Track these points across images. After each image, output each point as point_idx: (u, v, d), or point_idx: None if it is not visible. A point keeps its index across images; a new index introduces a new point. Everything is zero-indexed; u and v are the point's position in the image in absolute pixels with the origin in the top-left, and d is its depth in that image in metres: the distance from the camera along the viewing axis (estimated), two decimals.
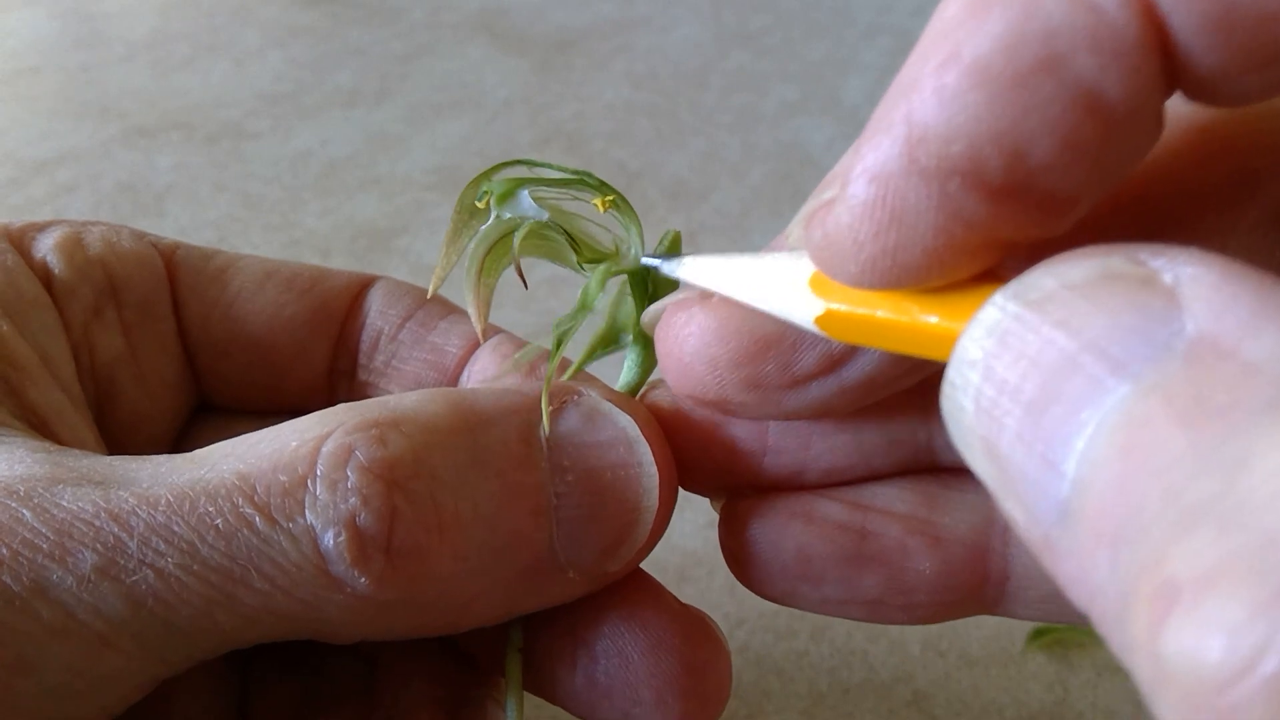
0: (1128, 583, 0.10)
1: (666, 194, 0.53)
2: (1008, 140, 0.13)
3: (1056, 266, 0.13)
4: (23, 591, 0.16)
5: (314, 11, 0.72)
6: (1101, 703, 0.31)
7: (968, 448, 0.13)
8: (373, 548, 0.17)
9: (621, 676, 0.20)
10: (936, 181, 0.14)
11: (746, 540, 0.20)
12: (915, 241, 0.14)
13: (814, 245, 0.16)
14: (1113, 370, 0.11)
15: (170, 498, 0.17)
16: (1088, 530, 0.11)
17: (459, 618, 0.19)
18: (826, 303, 0.16)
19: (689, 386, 0.19)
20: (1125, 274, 0.12)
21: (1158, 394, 0.11)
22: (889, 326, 0.16)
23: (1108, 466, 0.11)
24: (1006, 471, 0.12)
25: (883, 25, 0.70)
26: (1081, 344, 0.12)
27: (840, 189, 0.15)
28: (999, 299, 0.13)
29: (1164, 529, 0.10)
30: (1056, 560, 0.12)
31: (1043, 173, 0.14)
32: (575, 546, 0.19)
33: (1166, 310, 0.11)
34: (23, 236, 0.24)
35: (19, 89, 0.63)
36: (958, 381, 0.13)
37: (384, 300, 0.25)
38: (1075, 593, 0.12)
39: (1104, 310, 0.12)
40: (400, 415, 0.18)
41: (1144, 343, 0.11)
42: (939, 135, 0.14)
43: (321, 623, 0.18)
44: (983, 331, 0.13)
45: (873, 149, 0.14)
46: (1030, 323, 0.12)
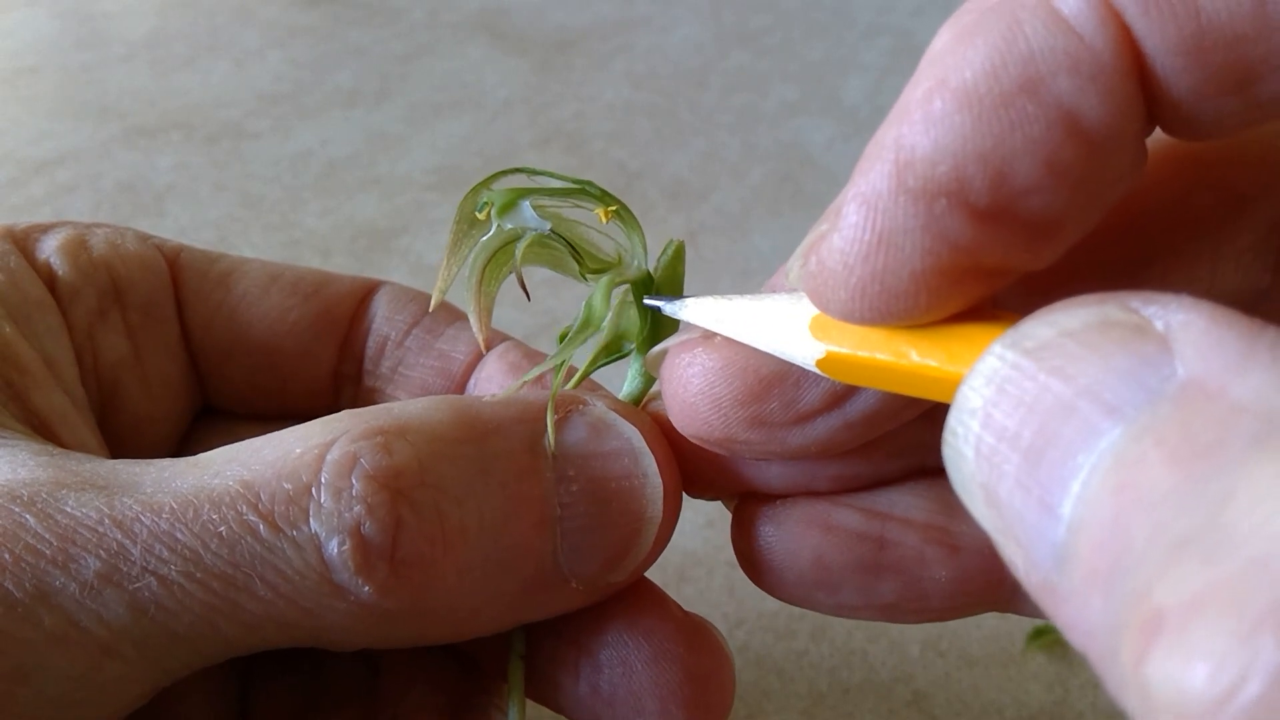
0: (1118, 617, 0.11)
1: (666, 194, 0.53)
2: (992, 160, 0.14)
3: (1053, 315, 0.13)
4: (25, 598, 0.16)
5: (314, 11, 0.72)
6: (1101, 703, 0.31)
7: (968, 495, 0.13)
8: (377, 557, 0.17)
9: (625, 685, 0.20)
10: (923, 202, 0.14)
11: (762, 547, 0.20)
12: (903, 264, 0.15)
13: (808, 275, 0.16)
14: (1107, 414, 0.12)
15: (174, 504, 0.17)
16: (1083, 571, 0.11)
17: (462, 627, 0.19)
18: (826, 345, 0.16)
19: (694, 427, 0.19)
20: (1119, 322, 0.12)
21: (1149, 435, 0.11)
22: (887, 369, 0.16)
23: (1101, 506, 0.11)
24: (1006, 518, 0.12)
25: (883, 25, 0.70)
26: (1077, 390, 0.12)
27: (834, 218, 0.15)
28: (997, 348, 0.13)
29: (1152, 562, 0.10)
30: (1056, 604, 0.12)
31: (1026, 194, 0.14)
32: (579, 557, 0.19)
33: (1159, 356, 0.12)
34: (26, 238, 0.24)
35: (19, 89, 0.63)
36: (958, 430, 0.13)
37: (390, 306, 0.25)
38: (1073, 636, 0.12)
39: (1099, 357, 0.12)
40: (406, 423, 0.18)
41: (1137, 387, 0.12)
42: (925, 157, 0.14)
43: (324, 631, 0.18)
44: (982, 380, 0.13)
45: (864, 175, 0.15)
46: (1027, 370, 0.12)
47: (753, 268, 0.48)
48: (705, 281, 0.47)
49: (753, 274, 0.48)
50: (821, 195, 0.53)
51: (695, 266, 0.48)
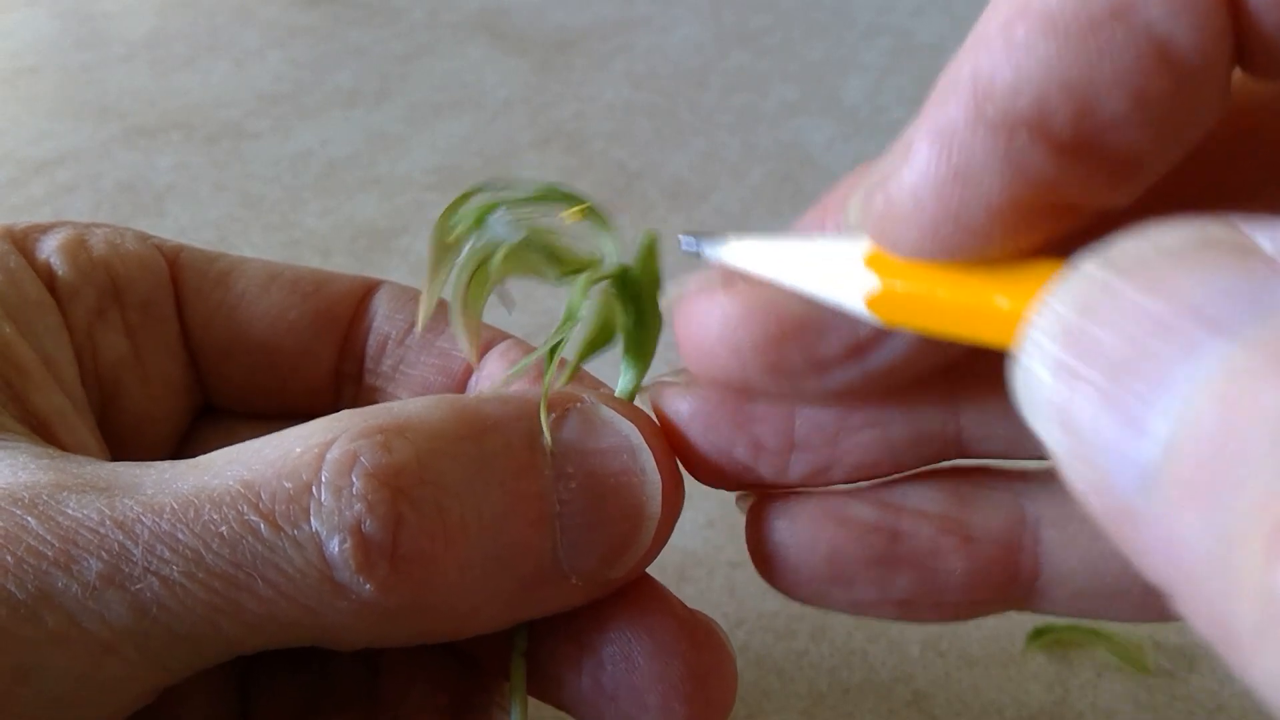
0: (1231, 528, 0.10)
1: (666, 194, 0.53)
2: (1077, 90, 0.13)
3: (1148, 234, 0.12)
4: (27, 599, 0.16)
5: (314, 11, 0.72)
6: (1101, 703, 0.31)
7: (1041, 418, 0.12)
8: (378, 554, 0.17)
9: (627, 681, 0.20)
10: (1003, 135, 0.14)
11: (775, 543, 0.20)
12: (979, 200, 0.14)
13: (873, 215, 0.15)
14: (1209, 329, 0.11)
15: (175, 505, 0.17)
16: (1180, 490, 0.11)
17: (463, 624, 0.19)
18: (882, 280, 0.16)
19: (711, 370, 0.19)
20: (1223, 241, 0.11)
21: (1260, 348, 0.10)
22: (947, 307, 0.15)
23: (1207, 419, 0.10)
24: (1083, 439, 0.12)
25: (883, 25, 0.70)
26: (1177, 308, 0.11)
27: (903, 154, 0.15)
28: (1087, 266, 0.12)
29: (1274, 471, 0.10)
30: (1137, 529, 0.11)
31: (1111, 127, 0.13)
32: (578, 554, 0.19)
33: (1269, 276, 0.11)
34: (26, 238, 0.24)
35: (19, 89, 0.63)
36: (1033, 351, 0.12)
37: (390, 305, 0.26)
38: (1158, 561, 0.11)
39: (1202, 275, 0.11)
40: (405, 421, 0.18)
41: (1246, 305, 0.11)
42: (1006, 86, 0.13)
43: (325, 629, 0.18)
44: (1064, 297, 0.12)
45: (938, 108, 0.14)
46: (1118, 289, 0.12)
47: None
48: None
49: None
50: (821, 195, 0.53)
51: (695, 265, 0.48)
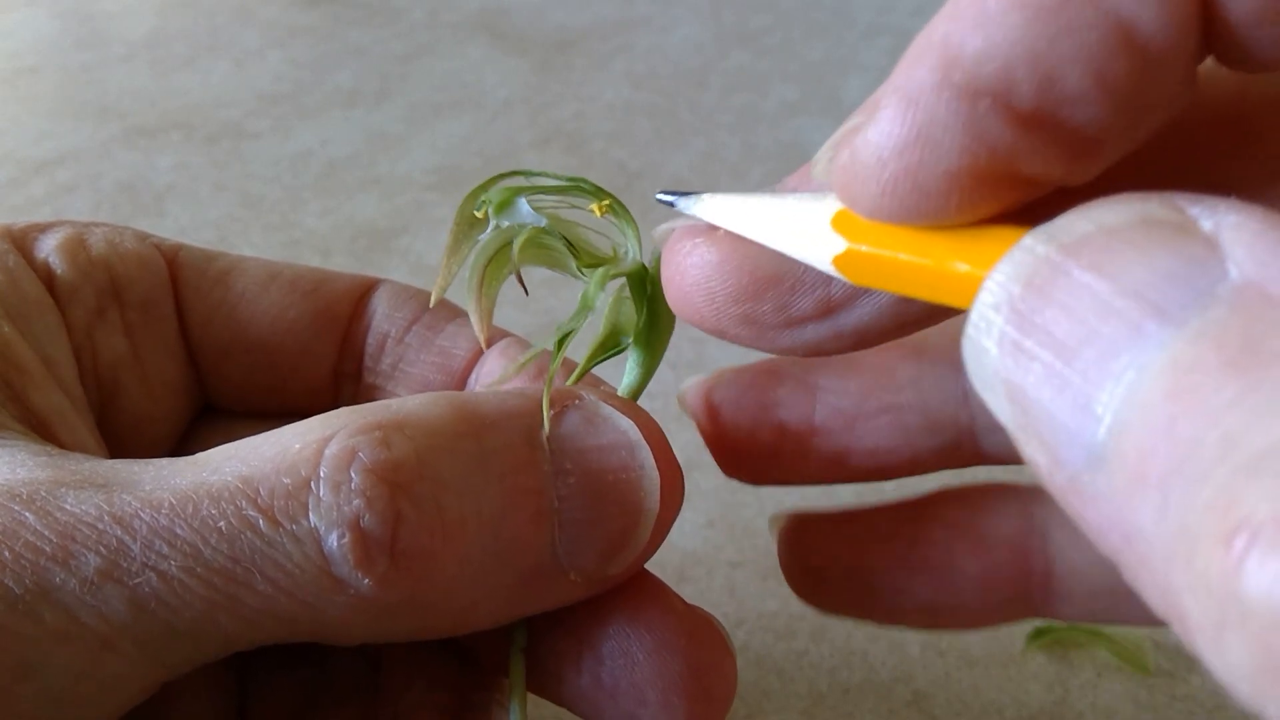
0: (1188, 523, 0.10)
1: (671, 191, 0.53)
2: (1041, 64, 0.13)
3: (1091, 211, 0.12)
4: (25, 595, 0.16)
5: (314, 11, 0.72)
6: (1101, 703, 0.31)
7: (989, 390, 0.13)
8: (377, 550, 0.17)
9: (627, 677, 0.20)
10: (967, 100, 0.14)
11: (805, 557, 0.21)
12: (938, 162, 0.14)
13: (838, 168, 0.16)
14: (1153, 315, 0.11)
15: (173, 500, 0.17)
16: (1127, 474, 0.11)
17: (462, 620, 0.19)
18: (849, 242, 0.16)
19: (687, 314, 0.19)
20: (1163, 220, 0.12)
21: (1205, 339, 0.11)
22: (910, 269, 0.15)
23: (1152, 410, 0.11)
24: (1031, 415, 0.12)
25: (883, 25, 0.70)
26: (1119, 288, 0.11)
27: (870, 112, 0.15)
28: (1028, 241, 0.13)
29: (1230, 472, 0.10)
30: (1084, 504, 0.12)
31: (1072, 104, 0.14)
32: (577, 550, 0.19)
33: (1207, 257, 0.11)
34: (25, 237, 0.24)
35: (19, 89, 0.63)
36: (980, 324, 0.13)
37: (389, 303, 0.26)
38: (1107, 537, 0.11)
39: (1142, 255, 0.11)
40: (404, 418, 0.18)
41: (1186, 289, 0.11)
42: (974, 54, 0.14)
43: (324, 625, 0.18)
44: (1010, 273, 0.12)
45: (907, 70, 0.15)
46: (1062, 266, 0.12)
47: None
48: None
49: None
50: None
51: None
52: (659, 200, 0.20)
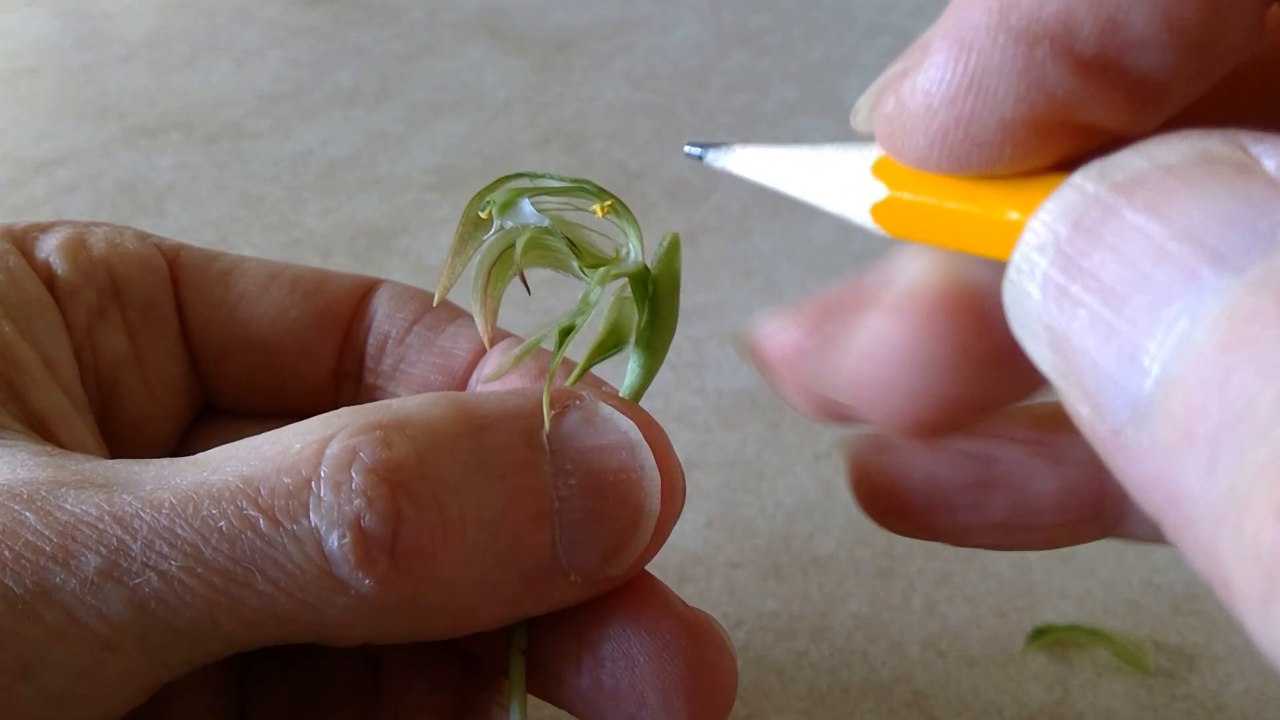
0: (1239, 486, 0.10)
1: (666, 194, 0.53)
2: (1106, 6, 0.13)
3: (1148, 147, 0.12)
4: (25, 595, 0.16)
5: (314, 11, 0.72)
6: (1101, 703, 0.31)
7: (1031, 336, 0.12)
8: (377, 550, 0.17)
9: (627, 679, 0.20)
10: (1025, 45, 0.13)
11: (877, 476, 0.20)
12: (993, 111, 0.14)
13: (882, 116, 0.15)
14: (1210, 260, 0.10)
15: (174, 500, 0.17)
16: (1175, 430, 0.10)
17: (462, 620, 0.19)
18: (890, 189, 0.15)
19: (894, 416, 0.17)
20: (1224, 158, 0.11)
21: (1265, 288, 0.10)
22: (956, 219, 0.15)
23: (1206, 363, 0.10)
24: (1074, 363, 0.11)
25: (883, 25, 0.70)
26: (1174, 231, 0.11)
27: (919, 56, 0.14)
28: (1078, 179, 0.12)
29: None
30: (1128, 460, 0.11)
31: (1137, 48, 0.13)
32: (577, 550, 0.19)
33: (1269, 199, 0.11)
34: (25, 237, 0.24)
35: (19, 89, 0.63)
36: (1023, 266, 0.12)
37: (390, 303, 0.25)
38: (1150, 494, 0.11)
39: (1199, 195, 0.11)
40: (404, 418, 0.18)
41: (1245, 233, 0.10)
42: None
43: (324, 625, 0.18)
44: (1057, 212, 0.12)
45: (961, 11, 0.14)
46: (1113, 206, 0.11)
47: (753, 267, 0.49)
48: (704, 281, 0.47)
49: (753, 274, 0.48)
50: None
51: (695, 266, 0.48)
52: (686, 153, 0.19)
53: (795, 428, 0.40)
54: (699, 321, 0.45)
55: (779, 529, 0.36)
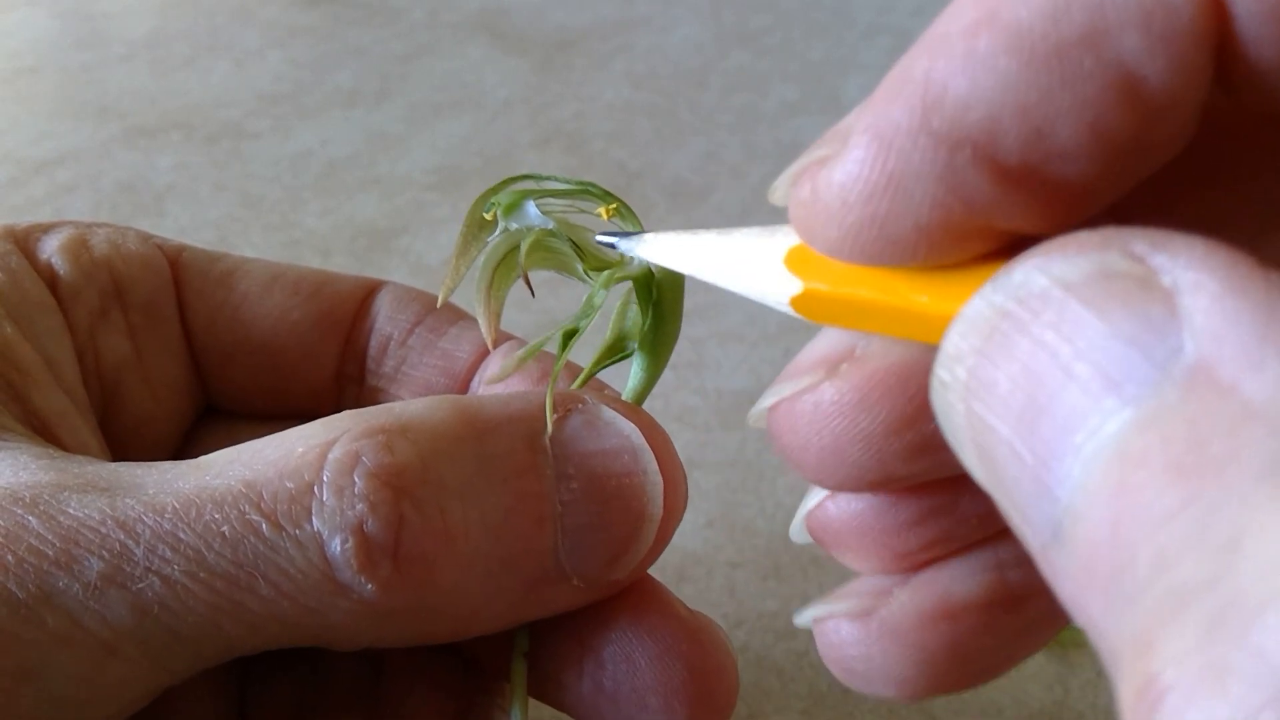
0: (1117, 645, 0.10)
1: (666, 194, 0.53)
2: (1032, 116, 0.12)
3: (1049, 261, 0.11)
4: (28, 599, 0.16)
5: (314, 11, 0.72)
6: (1101, 703, 0.31)
7: (961, 448, 0.12)
8: (380, 554, 0.17)
9: (629, 683, 0.20)
10: (945, 150, 0.13)
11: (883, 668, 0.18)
12: (908, 213, 0.13)
13: (797, 202, 0.15)
14: (1109, 389, 0.10)
15: (176, 505, 0.17)
16: (1081, 562, 0.10)
17: (464, 625, 0.19)
18: (805, 282, 0.15)
19: (839, 475, 0.17)
20: (1122, 273, 0.11)
21: (1153, 429, 0.10)
22: (870, 308, 0.15)
23: (1100, 504, 0.10)
24: (1000, 478, 0.11)
25: (883, 25, 0.70)
26: (1076, 352, 0.11)
27: (838, 145, 0.14)
28: (988, 291, 0.12)
29: (1152, 605, 0.09)
30: (1054, 577, 0.11)
31: (1061, 158, 0.13)
32: (580, 555, 0.19)
33: (1165, 321, 0.10)
34: (27, 238, 0.24)
35: (19, 89, 0.63)
36: (946, 379, 0.12)
37: (392, 305, 0.25)
38: (1074, 614, 0.11)
39: (1099, 316, 0.11)
40: (407, 422, 0.18)
41: (1141, 360, 0.10)
42: (959, 98, 0.13)
43: (327, 629, 0.18)
44: (970, 327, 0.12)
45: (883, 106, 0.13)
46: (1020, 321, 0.11)
47: None
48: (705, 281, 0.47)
49: None
50: None
51: None
52: (598, 242, 0.19)
53: None
54: (699, 321, 0.45)
55: (779, 529, 0.37)
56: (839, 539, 0.19)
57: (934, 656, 0.18)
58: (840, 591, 0.19)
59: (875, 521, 0.18)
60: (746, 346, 0.44)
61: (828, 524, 0.19)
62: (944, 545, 0.18)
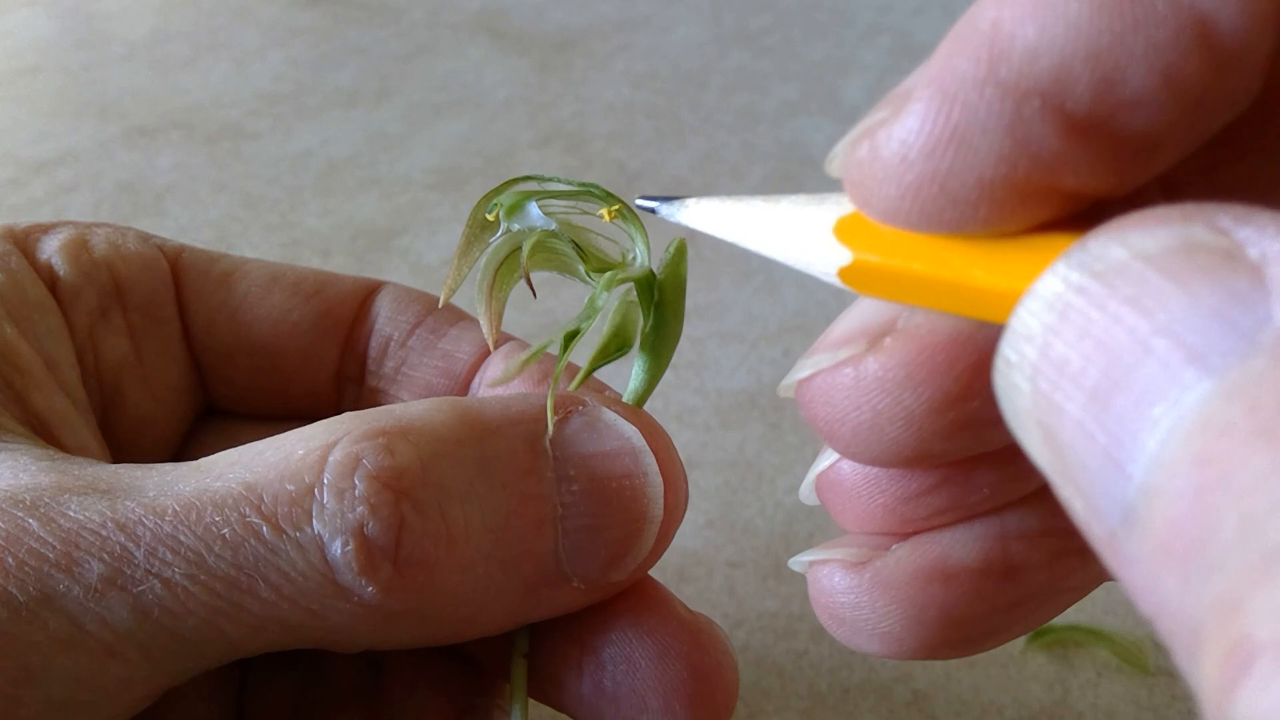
0: (1200, 615, 0.09)
1: (666, 194, 0.53)
2: (1103, 62, 0.12)
3: (1127, 233, 0.11)
4: (29, 601, 0.16)
5: (314, 11, 0.72)
6: (1101, 703, 0.31)
7: (1023, 430, 0.12)
8: (380, 557, 0.17)
9: (629, 683, 0.20)
10: (1013, 100, 0.12)
11: (875, 622, 0.18)
12: (971, 169, 0.13)
13: (854, 163, 0.14)
14: (1190, 361, 0.10)
15: (177, 507, 0.17)
16: (1155, 542, 0.10)
17: (465, 627, 0.19)
18: (854, 252, 0.14)
19: (877, 450, 0.16)
20: (1206, 245, 0.10)
21: (1240, 398, 0.10)
22: (924, 282, 0.14)
23: (1181, 477, 0.10)
24: (1066, 461, 0.11)
25: (883, 25, 0.70)
26: (1155, 326, 0.10)
27: (899, 103, 0.13)
28: (1061, 267, 0.11)
29: (1241, 567, 0.09)
30: (1120, 563, 0.11)
31: (1132, 108, 0.12)
32: (580, 557, 0.19)
33: (1251, 292, 0.10)
34: (27, 238, 0.24)
35: (19, 89, 0.63)
36: (1013, 358, 0.12)
37: (392, 306, 0.25)
38: (1141, 602, 0.10)
39: (1181, 288, 0.10)
40: (407, 424, 0.18)
41: (1226, 331, 0.10)
42: (1027, 46, 0.12)
43: (327, 631, 0.18)
44: (1042, 304, 0.11)
45: (947, 58, 0.13)
46: (1097, 297, 0.11)
47: (753, 268, 0.49)
48: (705, 281, 0.47)
49: (753, 274, 0.48)
50: None
51: (695, 266, 0.48)
52: (638, 206, 0.18)
53: (795, 428, 0.40)
54: (699, 322, 0.45)
55: (779, 529, 0.37)
56: (848, 502, 0.18)
57: (923, 615, 0.18)
58: (838, 540, 0.19)
59: (888, 487, 0.18)
60: (746, 346, 0.44)
61: (839, 486, 0.18)
62: (952, 513, 0.18)
